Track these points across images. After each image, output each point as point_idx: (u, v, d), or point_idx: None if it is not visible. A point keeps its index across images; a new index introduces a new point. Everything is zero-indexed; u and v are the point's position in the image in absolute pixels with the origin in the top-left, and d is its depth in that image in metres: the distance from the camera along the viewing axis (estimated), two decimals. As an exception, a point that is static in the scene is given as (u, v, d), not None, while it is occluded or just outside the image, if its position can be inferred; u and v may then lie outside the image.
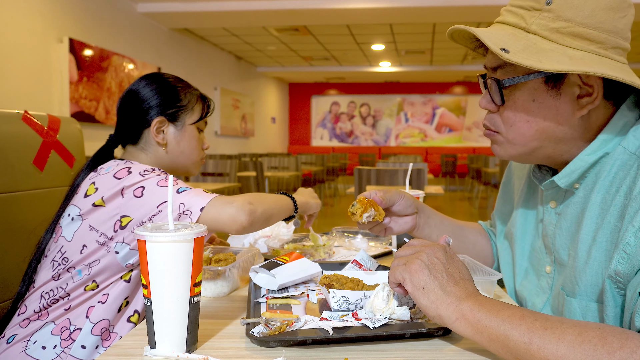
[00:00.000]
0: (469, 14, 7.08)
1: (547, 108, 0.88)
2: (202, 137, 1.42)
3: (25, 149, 1.35)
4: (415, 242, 0.86)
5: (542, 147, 0.91)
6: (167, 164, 1.35)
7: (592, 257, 0.85)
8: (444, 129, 15.04)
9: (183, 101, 1.34)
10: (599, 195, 0.86)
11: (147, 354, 0.76)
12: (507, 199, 1.21)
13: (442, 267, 0.79)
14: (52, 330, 1.16)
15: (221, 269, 1.07)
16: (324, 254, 1.43)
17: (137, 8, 7.13)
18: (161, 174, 1.21)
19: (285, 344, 0.79)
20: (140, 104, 1.32)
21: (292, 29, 8.71)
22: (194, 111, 1.36)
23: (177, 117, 1.34)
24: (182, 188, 1.16)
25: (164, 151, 1.33)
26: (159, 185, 1.16)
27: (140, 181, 1.17)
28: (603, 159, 0.87)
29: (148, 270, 0.75)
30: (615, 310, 0.81)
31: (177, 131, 1.34)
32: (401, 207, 1.12)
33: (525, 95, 0.88)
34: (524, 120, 0.90)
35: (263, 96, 13.47)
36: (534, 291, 1.01)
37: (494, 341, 0.71)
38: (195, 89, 1.40)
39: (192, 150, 1.37)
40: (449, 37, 0.96)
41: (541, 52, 0.83)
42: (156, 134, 1.31)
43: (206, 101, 1.41)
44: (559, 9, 0.84)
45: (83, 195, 1.21)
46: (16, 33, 4.93)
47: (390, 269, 0.83)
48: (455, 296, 0.76)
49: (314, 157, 9.39)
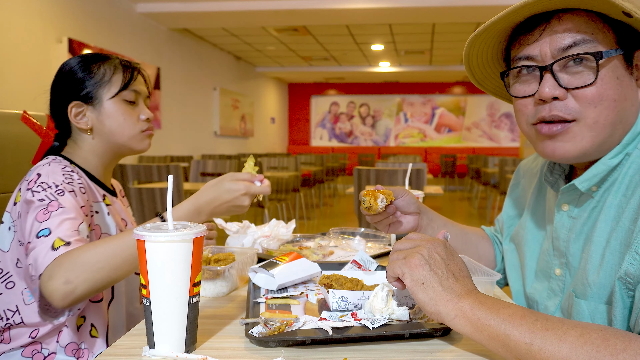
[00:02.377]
0: (469, 14, 7.08)
1: (627, 86, 0.85)
2: (138, 108, 1.27)
3: (24, 149, 1.35)
4: (415, 235, 0.85)
5: (613, 133, 0.85)
6: (104, 149, 1.25)
7: (606, 259, 0.84)
8: (444, 129, 15.04)
9: (95, 77, 1.22)
10: (615, 198, 0.86)
11: (146, 354, 0.76)
12: (515, 202, 1.21)
13: (443, 263, 0.79)
14: (23, 352, 1.12)
15: (220, 269, 1.07)
16: (320, 256, 1.42)
17: (136, 8, 7.12)
18: (57, 194, 1.08)
19: (285, 344, 0.79)
20: (55, 94, 1.24)
21: (291, 29, 8.71)
22: (111, 83, 1.22)
23: (93, 96, 1.22)
24: (41, 232, 1.01)
25: (91, 137, 1.23)
26: (37, 217, 1.03)
27: (30, 199, 1.07)
28: (622, 161, 0.87)
29: (147, 271, 0.75)
30: (624, 312, 0.81)
31: (97, 111, 1.22)
32: (405, 202, 1.13)
33: (611, 72, 0.83)
34: (611, 99, 0.83)
35: (262, 96, 13.47)
36: (546, 294, 1.01)
37: (494, 340, 0.71)
38: (115, 57, 1.26)
39: (121, 125, 1.23)
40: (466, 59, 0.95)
41: None
42: (77, 120, 1.22)
43: (129, 67, 1.26)
44: None
45: (13, 202, 1.14)
46: (15, 33, 4.93)
47: (389, 262, 0.82)
48: (455, 293, 0.76)
49: (314, 157, 9.39)
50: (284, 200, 6.55)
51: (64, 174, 1.13)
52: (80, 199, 1.12)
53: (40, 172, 1.12)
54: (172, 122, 8.34)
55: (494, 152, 13.84)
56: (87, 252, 0.96)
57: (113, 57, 1.25)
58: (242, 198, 1.05)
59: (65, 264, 0.95)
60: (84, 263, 0.95)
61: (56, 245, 0.98)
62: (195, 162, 4.78)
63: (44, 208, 1.04)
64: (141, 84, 1.28)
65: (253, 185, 1.06)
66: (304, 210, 8.15)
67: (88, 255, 0.95)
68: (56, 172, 1.13)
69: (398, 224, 1.15)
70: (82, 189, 1.15)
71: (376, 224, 1.16)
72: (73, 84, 1.22)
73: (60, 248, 0.97)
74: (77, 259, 0.95)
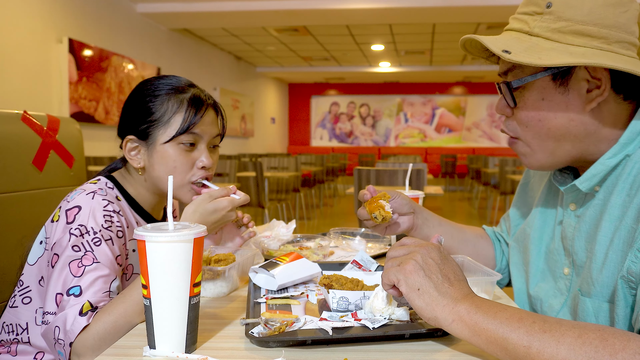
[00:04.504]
0: (469, 14, 7.08)
1: (556, 104, 0.89)
2: (197, 152, 1.12)
3: (24, 149, 1.35)
4: (408, 241, 0.85)
5: (560, 146, 0.92)
6: (155, 190, 1.16)
7: (609, 258, 0.85)
8: (444, 129, 15.04)
9: (156, 113, 1.08)
10: (619, 198, 0.87)
11: (146, 354, 0.76)
12: (524, 200, 1.21)
13: (437, 268, 0.79)
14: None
15: (221, 269, 1.07)
16: (320, 256, 1.42)
17: (136, 8, 7.13)
18: (94, 243, 1.00)
19: (285, 344, 0.79)
20: (124, 115, 1.14)
21: (291, 29, 8.71)
22: (169, 124, 1.08)
23: (148, 135, 1.09)
24: (72, 289, 0.95)
25: (143, 177, 1.14)
26: (71, 269, 0.97)
27: (60, 245, 1.00)
28: (623, 161, 0.88)
29: (147, 271, 0.75)
30: (626, 310, 0.81)
31: (149, 152, 1.10)
32: (398, 203, 1.15)
33: (535, 94, 0.91)
34: (537, 120, 0.91)
35: (262, 96, 13.47)
36: (552, 293, 1.01)
37: (492, 344, 0.71)
38: (190, 89, 1.12)
39: (170, 173, 1.09)
40: (462, 49, 0.99)
41: (542, 51, 0.85)
42: (130, 156, 1.12)
43: (198, 104, 1.10)
44: (558, 10, 0.86)
45: (51, 218, 1.07)
46: (16, 33, 4.93)
47: (383, 270, 0.82)
48: (451, 297, 0.76)
49: (314, 157, 9.39)
50: (284, 200, 6.55)
51: (104, 215, 1.04)
52: (117, 247, 1.05)
53: (81, 205, 1.03)
54: (173, 122, 8.33)
55: (494, 152, 13.84)
56: (107, 321, 0.92)
57: (187, 91, 1.10)
58: (229, 214, 1.06)
59: (89, 344, 0.91)
60: (108, 334, 0.91)
61: (84, 310, 0.94)
62: (196, 162, 4.76)
63: (79, 260, 0.98)
64: (208, 125, 1.12)
65: (234, 198, 1.07)
66: (304, 210, 8.15)
67: (109, 325, 0.91)
68: (97, 210, 1.03)
69: (395, 226, 1.17)
70: (119, 233, 1.07)
71: (373, 228, 1.17)
72: (136, 114, 1.10)
73: (88, 313, 0.93)
74: (100, 334, 0.91)
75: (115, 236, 1.06)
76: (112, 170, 1.20)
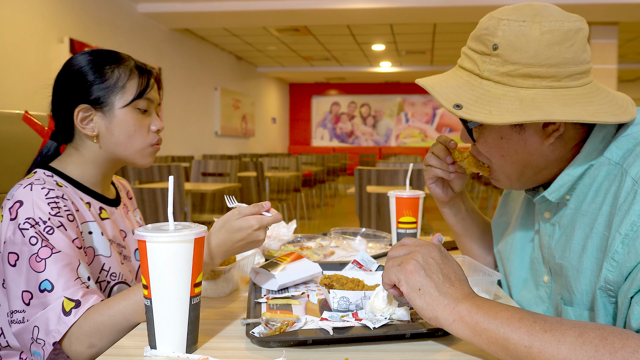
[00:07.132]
0: (469, 14, 7.08)
1: (515, 143, 0.90)
2: (150, 117, 1.17)
3: (25, 149, 1.35)
4: (408, 241, 0.85)
5: (525, 173, 0.94)
6: (106, 158, 1.16)
7: (584, 265, 0.86)
8: (445, 130, 15.03)
9: (108, 81, 1.12)
10: (589, 206, 0.87)
11: (147, 354, 0.76)
12: (504, 211, 1.21)
13: (438, 268, 0.79)
14: None
15: (221, 269, 1.07)
16: (321, 256, 1.43)
17: (137, 8, 7.13)
18: (46, 232, 0.99)
19: (286, 344, 0.79)
20: (60, 94, 1.14)
21: (292, 29, 8.71)
22: (125, 90, 1.12)
23: (103, 102, 1.12)
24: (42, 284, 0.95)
25: (97, 145, 1.14)
26: (32, 265, 0.96)
27: (13, 243, 0.98)
28: (589, 170, 0.88)
29: (148, 271, 0.75)
30: (607, 319, 0.82)
31: (107, 118, 1.12)
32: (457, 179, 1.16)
33: (493, 134, 0.92)
34: (498, 155, 0.94)
35: (263, 96, 13.48)
36: (533, 301, 1.02)
37: (493, 344, 0.71)
38: (131, 59, 1.16)
39: (130, 137, 1.13)
40: None
41: (493, 101, 0.84)
42: (82, 125, 1.12)
43: (145, 72, 1.16)
44: (505, 53, 0.85)
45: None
46: (17, 33, 4.93)
47: (384, 270, 0.82)
48: (452, 297, 0.76)
49: (314, 157, 9.39)
50: (285, 200, 6.55)
51: (49, 203, 1.03)
52: (71, 231, 1.04)
53: (21, 199, 1.02)
54: (173, 122, 8.34)
55: (495, 152, 13.82)
56: (105, 314, 0.93)
57: (129, 60, 1.16)
58: (256, 234, 0.96)
59: (85, 329, 0.91)
60: (104, 326, 0.92)
61: (67, 309, 0.92)
62: (196, 162, 4.78)
63: (35, 254, 0.97)
64: (155, 91, 1.18)
65: (264, 217, 0.97)
66: (304, 210, 8.15)
67: (106, 318, 0.92)
68: (40, 200, 1.02)
69: (460, 182, 1.16)
70: (69, 217, 1.06)
71: (434, 183, 1.17)
72: (82, 85, 1.12)
73: (72, 311, 0.92)
74: (97, 324, 0.92)
75: (66, 220, 1.04)
76: (46, 160, 1.19)
